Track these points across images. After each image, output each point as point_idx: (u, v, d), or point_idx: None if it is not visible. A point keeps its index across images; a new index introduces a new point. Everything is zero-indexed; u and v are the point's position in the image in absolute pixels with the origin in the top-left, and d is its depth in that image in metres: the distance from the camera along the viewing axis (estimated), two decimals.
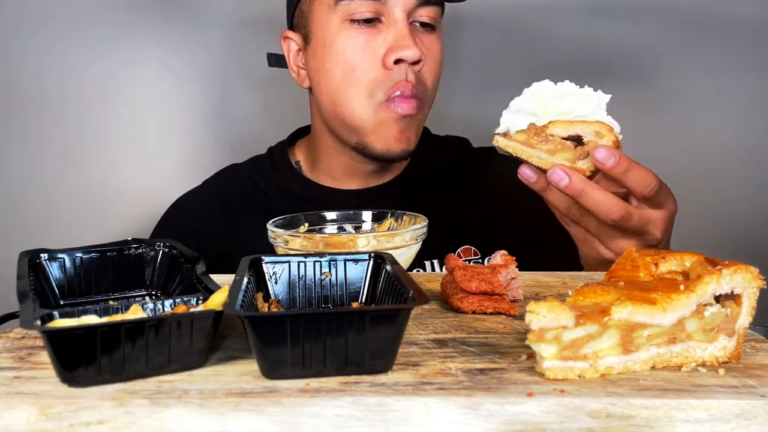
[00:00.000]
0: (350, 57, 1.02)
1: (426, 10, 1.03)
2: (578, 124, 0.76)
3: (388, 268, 0.62)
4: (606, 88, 0.78)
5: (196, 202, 1.21)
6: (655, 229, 0.81)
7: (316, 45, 1.06)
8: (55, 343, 0.49)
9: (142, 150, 1.47)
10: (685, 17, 1.48)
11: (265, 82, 1.45)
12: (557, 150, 0.77)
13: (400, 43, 1.00)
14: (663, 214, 0.81)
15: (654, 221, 0.80)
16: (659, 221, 0.81)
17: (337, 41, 1.02)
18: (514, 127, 0.79)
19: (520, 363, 0.55)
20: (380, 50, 1.01)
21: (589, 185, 0.76)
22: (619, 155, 0.74)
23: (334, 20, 1.02)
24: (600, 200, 0.76)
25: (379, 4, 1.01)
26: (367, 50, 1.01)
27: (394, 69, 1.01)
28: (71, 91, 1.44)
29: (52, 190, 1.45)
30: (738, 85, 1.50)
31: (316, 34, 1.06)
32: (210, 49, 1.46)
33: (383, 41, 1.01)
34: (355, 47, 1.02)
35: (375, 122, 1.03)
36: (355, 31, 1.02)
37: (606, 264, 0.85)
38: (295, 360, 0.51)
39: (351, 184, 1.15)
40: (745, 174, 1.52)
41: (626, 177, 0.76)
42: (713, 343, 0.55)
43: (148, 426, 0.47)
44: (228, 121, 1.49)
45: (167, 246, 0.72)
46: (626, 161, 0.75)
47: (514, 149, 0.80)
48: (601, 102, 0.77)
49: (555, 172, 0.76)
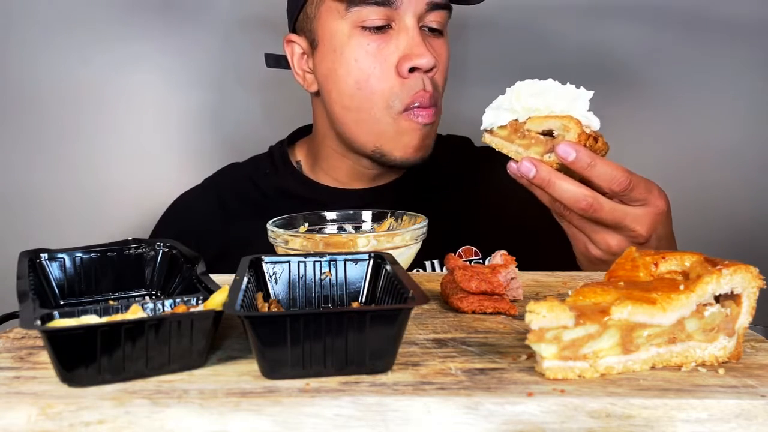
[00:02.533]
0: (363, 65, 1.01)
1: (435, 15, 1.03)
2: (550, 119, 0.79)
3: (388, 268, 0.62)
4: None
5: (196, 201, 1.21)
6: (638, 225, 0.80)
7: (325, 51, 1.05)
8: (55, 343, 0.49)
9: (141, 150, 1.47)
10: (685, 17, 1.48)
11: (264, 82, 1.45)
12: (531, 144, 0.80)
13: (415, 51, 1.00)
14: (645, 210, 0.80)
15: (635, 217, 0.80)
16: (642, 217, 0.80)
17: (348, 48, 1.02)
18: (496, 123, 0.83)
19: (520, 363, 0.55)
20: (393, 57, 1.01)
21: (555, 175, 0.78)
22: (579, 150, 0.76)
23: (344, 27, 1.02)
24: (566, 189, 0.78)
25: (390, 10, 1.00)
26: (380, 57, 1.01)
27: (410, 78, 1.01)
28: (70, 91, 1.43)
29: (52, 191, 1.45)
30: (738, 85, 1.50)
31: (325, 40, 1.05)
32: (208, 50, 1.46)
33: (395, 48, 1.01)
34: (367, 54, 1.01)
35: (395, 131, 1.03)
36: (367, 38, 1.01)
37: (597, 263, 0.85)
38: (295, 360, 0.51)
39: (353, 185, 1.15)
40: (745, 174, 1.52)
41: (590, 172, 0.77)
42: (713, 342, 0.55)
43: (148, 426, 0.47)
44: (226, 121, 1.49)
45: (167, 246, 0.72)
46: (588, 156, 0.76)
47: (497, 145, 0.84)
48: (579, 98, 0.79)
49: (523, 164, 0.79)
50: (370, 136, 1.05)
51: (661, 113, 1.51)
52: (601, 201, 0.78)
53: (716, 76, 1.50)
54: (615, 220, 0.80)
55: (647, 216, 0.80)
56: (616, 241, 0.82)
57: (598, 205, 0.78)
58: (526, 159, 0.79)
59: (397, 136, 1.03)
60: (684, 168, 1.50)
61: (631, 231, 0.80)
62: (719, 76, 1.50)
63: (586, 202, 0.78)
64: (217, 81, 1.47)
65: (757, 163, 1.52)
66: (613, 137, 1.47)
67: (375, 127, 1.03)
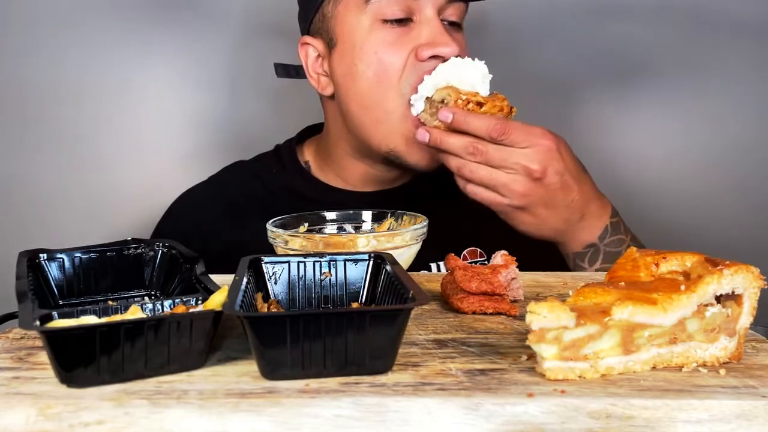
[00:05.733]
0: (383, 56, 1.00)
1: (454, 8, 1.02)
2: (442, 91, 0.93)
3: (388, 268, 0.62)
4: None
5: (200, 198, 1.19)
6: (527, 161, 0.88)
7: (344, 48, 1.03)
8: (54, 344, 0.49)
9: (141, 151, 1.47)
10: (685, 17, 1.48)
11: (271, 84, 1.44)
12: (435, 114, 0.93)
13: (438, 40, 0.98)
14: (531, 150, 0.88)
15: (522, 154, 0.88)
16: (529, 155, 0.88)
17: (368, 42, 1.00)
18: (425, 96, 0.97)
19: (521, 363, 0.55)
20: (413, 43, 0.99)
21: (444, 135, 0.91)
22: (455, 111, 0.89)
23: (363, 21, 1.00)
24: (453, 142, 0.90)
25: (411, 2, 0.99)
26: (401, 48, 0.99)
27: (427, 62, 0.99)
28: (71, 91, 1.43)
29: (51, 191, 1.45)
30: (738, 85, 1.50)
31: (344, 37, 1.03)
32: (212, 51, 1.46)
33: (417, 38, 1.00)
34: (387, 45, 1.00)
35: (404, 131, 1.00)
36: (387, 31, 1.00)
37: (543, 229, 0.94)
38: (295, 360, 0.50)
39: (363, 188, 1.14)
40: (745, 173, 1.52)
41: (467, 126, 0.89)
42: (714, 343, 0.55)
43: (148, 426, 0.47)
44: (229, 123, 1.48)
45: (167, 246, 0.72)
46: (462, 114, 0.89)
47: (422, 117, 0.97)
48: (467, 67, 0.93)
49: (419, 132, 0.94)
50: (387, 136, 1.02)
51: (661, 113, 1.51)
52: (484, 144, 0.89)
53: (716, 76, 1.50)
54: (503, 159, 0.88)
55: (535, 153, 0.88)
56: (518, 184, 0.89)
57: (483, 148, 0.88)
58: (421, 128, 0.94)
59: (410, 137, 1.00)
60: (684, 167, 1.50)
61: (524, 168, 0.88)
62: (719, 76, 1.50)
63: (472, 147, 0.89)
64: (221, 82, 1.47)
65: (757, 162, 1.51)
66: (613, 137, 1.48)
67: (390, 126, 1.01)
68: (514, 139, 0.88)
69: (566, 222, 0.93)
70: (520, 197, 0.89)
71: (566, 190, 0.90)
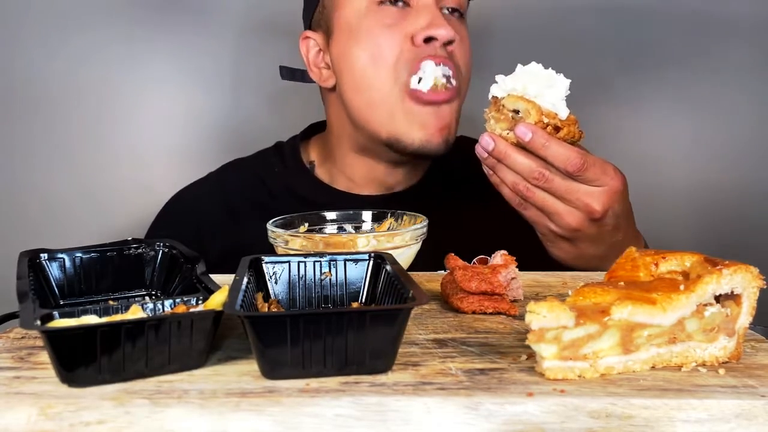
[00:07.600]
0: (379, 38, 0.99)
1: None
2: (520, 101, 0.84)
3: (388, 268, 0.62)
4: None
5: (198, 196, 1.17)
6: (592, 201, 0.84)
7: (340, 33, 1.03)
8: (55, 343, 0.49)
9: (141, 151, 1.47)
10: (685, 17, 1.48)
11: (271, 84, 1.44)
12: (500, 120, 0.86)
13: (434, 23, 0.97)
14: (600, 189, 0.84)
15: (588, 193, 0.84)
16: (597, 195, 0.84)
17: (364, 23, 1.00)
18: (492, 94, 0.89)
19: (520, 363, 0.55)
20: (409, 29, 0.99)
21: (511, 149, 0.84)
22: (536, 131, 0.81)
23: (360, 4, 1.00)
24: (520, 161, 0.84)
25: None
26: (396, 29, 0.99)
27: (423, 47, 0.98)
28: (76, 92, 1.44)
29: (52, 190, 1.45)
30: (738, 85, 1.50)
31: (340, 22, 1.03)
32: (212, 51, 1.46)
33: (413, 22, 0.99)
34: (383, 26, 0.99)
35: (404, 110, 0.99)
36: (383, 12, 1.00)
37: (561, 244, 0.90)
38: (295, 360, 0.51)
39: (368, 190, 1.12)
40: (745, 173, 1.52)
41: (545, 152, 0.82)
42: (713, 343, 0.55)
43: (148, 426, 0.47)
44: (233, 122, 1.48)
45: (167, 246, 0.72)
46: (543, 137, 0.81)
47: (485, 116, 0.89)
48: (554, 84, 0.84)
49: (483, 138, 0.85)
50: (383, 118, 1.01)
51: (661, 113, 1.51)
52: (552, 173, 0.83)
53: (716, 76, 1.50)
54: (568, 192, 0.84)
55: (602, 194, 0.84)
56: (573, 217, 0.85)
57: (550, 177, 0.83)
58: (486, 134, 0.85)
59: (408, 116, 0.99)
60: (684, 167, 1.49)
61: (586, 206, 0.84)
62: (719, 76, 1.50)
63: (539, 173, 0.83)
64: (221, 82, 1.47)
65: (757, 162, 1.52)
66: (613, 136, 1.48)
67: (387, 108, 1.00)
68: (590, 176, 0.83)
69: (603, 259, 0.90)
70: (571, 231, 0.86)
71: (616, 231, 0.88)
